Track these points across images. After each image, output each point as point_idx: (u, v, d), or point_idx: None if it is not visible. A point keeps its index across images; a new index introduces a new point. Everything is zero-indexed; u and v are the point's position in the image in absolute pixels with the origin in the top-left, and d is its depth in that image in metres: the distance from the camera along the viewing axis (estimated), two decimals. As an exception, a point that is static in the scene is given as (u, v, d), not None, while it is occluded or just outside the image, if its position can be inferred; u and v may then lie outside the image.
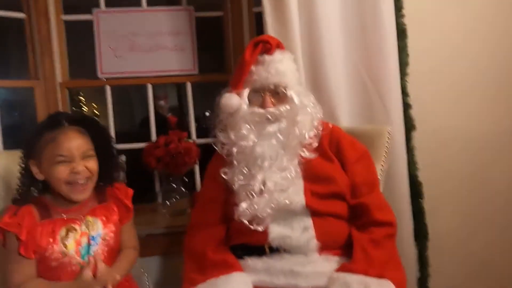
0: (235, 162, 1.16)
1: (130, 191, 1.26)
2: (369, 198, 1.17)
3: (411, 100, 1.65)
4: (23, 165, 1.12)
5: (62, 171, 1.07)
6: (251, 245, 1.15)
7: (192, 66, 1.97)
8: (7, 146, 1.77)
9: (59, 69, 1.89)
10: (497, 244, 1.74)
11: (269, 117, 1.14)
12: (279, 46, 1.21)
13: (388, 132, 1.45)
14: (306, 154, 1.18)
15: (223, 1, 1.97)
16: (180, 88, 3.30)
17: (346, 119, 1.62)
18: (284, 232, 1.12)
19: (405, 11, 1.62)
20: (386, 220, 1.15)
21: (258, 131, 1.15)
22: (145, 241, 1.54)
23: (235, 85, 1.17)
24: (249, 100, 1.16)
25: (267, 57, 1.17)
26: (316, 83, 1.61)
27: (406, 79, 1.65)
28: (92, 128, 1.16)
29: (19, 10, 1.82)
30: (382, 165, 1.43)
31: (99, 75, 1.92)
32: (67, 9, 1.89)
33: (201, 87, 2.21)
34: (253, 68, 1.16)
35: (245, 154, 1.14)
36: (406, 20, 1.62)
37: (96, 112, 4.77)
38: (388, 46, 1.59)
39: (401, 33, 1.63)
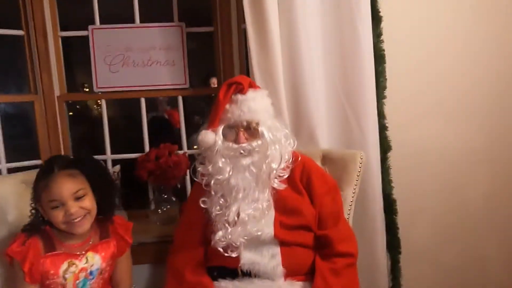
0: (212, 192, 1.27)
1: (130, 225, 1.38)
2: (334, 230, 1.28)
3: (388, 122, 1.73)
4: (32, 205, 1.24)
5: (57, 215, 1.18)
6: (225, 267, 1.27)
7: (183, 80, 2.06)
8: (9, 159, 1.90)
9: (57, 83, 1.99)
10: (466, 255, 1.85)
11: (242, 151, 1.24)
12: (251, 85, 1.29)
13: (361, 158, 1.54)
14: (278, 185, 1.28)
15: (214, 17, 2.03)
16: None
17: (325, 141, 1.71)
18: (254, 258, 1.24)
19: (384, 37, 1.68)
20: (347, 251, 1.26)
21: (233, 164, 1.24)
22: (137, 249, 1.68)
23: (212, 123, 1.26)
24: (224, 135, 1.26)
25: (240, 97, 1.25)
26: (297, 106, 1.69)
27: (384, 102, 1.72)
28: (86, 167, 1.25)
29: (18, 27, 1.90)
30: (354, 189, 1.53)
31: (95, 89, 2.02)
32: (64, 26, 1.98)
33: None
34: (227, 106, 1.25)
35: (221, 186, 1.25)
36: (385, 46, 1.68)
37: (99, 102, 4.91)
38: (366, 72, 1.66)
39: (380, 58, 1.70)
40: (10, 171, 1.91)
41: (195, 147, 1.98)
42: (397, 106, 1.74)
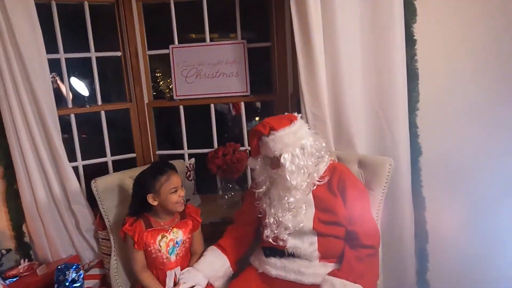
0: (262, 197, 1.69)
1: (199, 210, 1.88)
2: (361, 227, 1.61)
3: (419, 130, 1.99)
4: (139, 196, 1.73)
5: (174, 197, 1.71)
6: (275, 248, 1.69)
7: (245, 88, 2.45)
8: (112, 153, 2.45)
9: (146, 93, 2.48)
10: (488, 243, 2.05)
11: (274, 175, 1.63)
12: (272, 128, 1.58)
13: (390, 164, 1.83)
14: (315, 187, 1.66)
15: (271, 34, 2.37)
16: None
17: (362, 146, 2.02)
18: (297, 244, 1.64)
19: (418, 57, 1.92)
20: (370, 244, 1.60)
21: (270, 180, 1.66)
22: (208, 227, 2.16)
23: (252, 154, 1.68)
24: (265, 161, 1.66)
25: (263, 138, 1.60)
26: (338, 116, 2.00)
27: (416, 114, 1.98)
28: (176, 169, 1.77)
29: (117, 50, 2.41)
30: (383, 189, 1.84)
31: (175, 97, 2.49)
32: (151, 46, 2.45)
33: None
34: (260, 143, 1.63)
35: (264, 194, 1.68)
36: (419, 65, 1.92)
37: (170, 87, 5.50)
38: (398, 87, 1.92)
39: (413, 75, 1.94)
40: (113, 162, 2.48)
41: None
42: (429, 117, 1.98)
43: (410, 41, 1.91)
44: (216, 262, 1.74)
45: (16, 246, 2.26)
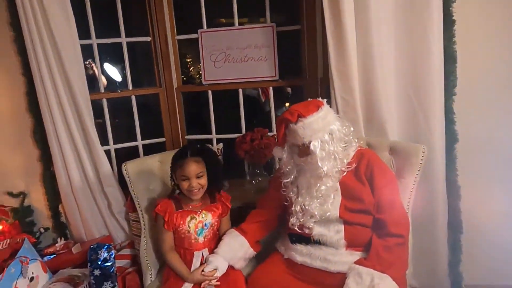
0: (289, 185, 1.67)
1: (229, 197, 1.89)
2: (389, 215, 1.56)
3: (456, 116, 1.89)
4: (170, 172, 1.79)
5: (184, 185, 1.73)
6: (302, 235, 1.68)
7: (274, 72, 2.41)
8: (143, 138, 2.50)
9: (175, 77, 2.50)
10: None
11: (302, 164, 1.60)
12: (301, 115, 1.53)
13: (423, 152, 1.76)
14: (345, 171, 1.61)
15: (301, 17, 2.31)
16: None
17: (394, 133, 1.95)
18: (322, 231, 1.61)
19: (456, 39, 1.81)
20: (398, 233, 1.55)
21: (298, 169, 1.63)
22: (236, 211, 2.17)
23: (279, 143, 1.65)
24: (292, 149, 1.63)
25: (291, 126, 1.56)
26: (369, 102, 1.94)
27: (453, 99, 1.88)
28: (207, 156, 1.77)
29: (147, 35, 2.42)
30: (415, 178, 1.78)
31: (203, 82, 2.49)
32: (180, 31, 2.45)
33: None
34: (287, 132, 1.59)
35: (291, 183, 1.65)
36: (457, 47, 1.82)
37: (200, 72, 5.52)
38: (434, 71, 1.83)
39: (451, 58, 1.84)
40: (144, 146, 2.53)
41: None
42: (467, 102, 1.88)
43: (448, 22, 1.81)
44: (233, 243, 1.75)
45: (53, 225, 2.38)
